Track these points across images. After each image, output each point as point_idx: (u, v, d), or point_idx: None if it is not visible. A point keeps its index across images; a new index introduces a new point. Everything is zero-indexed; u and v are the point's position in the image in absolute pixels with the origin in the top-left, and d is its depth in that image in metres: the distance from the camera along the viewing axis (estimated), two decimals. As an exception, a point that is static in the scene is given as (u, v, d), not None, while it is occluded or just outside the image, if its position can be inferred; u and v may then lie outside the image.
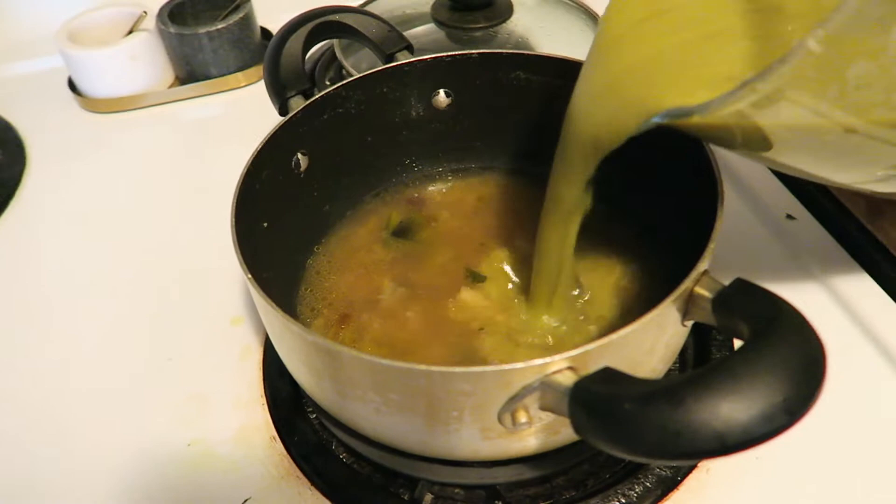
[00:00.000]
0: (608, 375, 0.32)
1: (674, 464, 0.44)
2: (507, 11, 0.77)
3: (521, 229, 0.53)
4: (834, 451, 0.45)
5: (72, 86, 0.83)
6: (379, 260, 0.54)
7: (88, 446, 0.50)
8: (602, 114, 0.39)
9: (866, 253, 0.55)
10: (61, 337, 0.58)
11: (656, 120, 0.35)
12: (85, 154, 0.77)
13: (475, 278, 0.51)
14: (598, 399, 0.31)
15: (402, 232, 0.56)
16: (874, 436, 0.46)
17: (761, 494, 0.44)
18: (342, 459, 0.48)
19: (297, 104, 0.52)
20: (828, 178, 0.37)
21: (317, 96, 0.52)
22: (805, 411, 0.28)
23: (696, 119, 0.32)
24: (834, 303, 0.53)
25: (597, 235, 0.49)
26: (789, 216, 0.59)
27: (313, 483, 0.47)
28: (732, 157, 0.65)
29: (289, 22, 0.55)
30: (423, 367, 0.34)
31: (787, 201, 0.60)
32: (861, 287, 0.54)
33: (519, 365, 0.33)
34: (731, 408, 0.27)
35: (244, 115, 0.80)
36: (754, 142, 0.33)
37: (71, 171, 0.75)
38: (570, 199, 0.43)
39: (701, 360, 0.51)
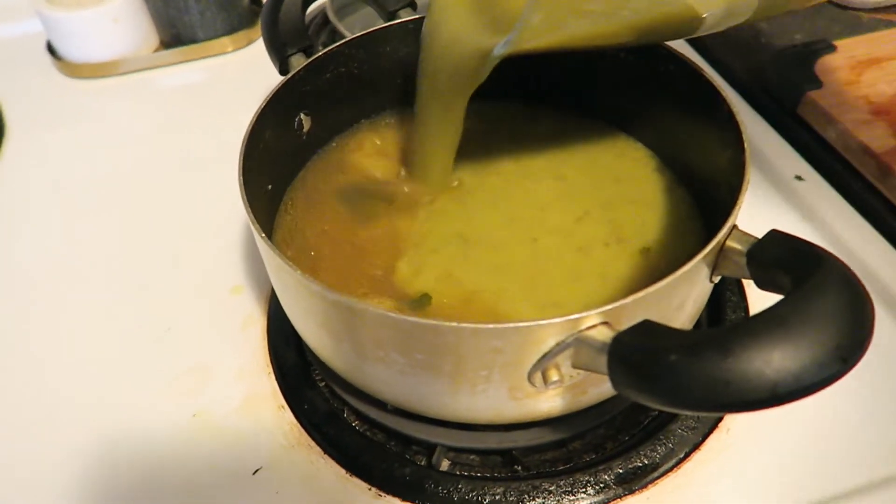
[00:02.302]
0: (648, 328, 0.31)
1: (721, 414, 0.44)
2: (506, -28, 0.75)
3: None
4: (849, 411, 0.45)
5: (51, 50, 0.79)
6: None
7: (89, 420, 0.48)
8: (452, 61, 0.45)
9: (876, 212, 0.55)
10: (53, 311, 0.56)
11: (497, 53, 0.41)
12: (66, 121, 0.74)
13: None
14: (641, 352, 0.30)
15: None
16: (890, 393, 0.46)
17: (782, 453, 0.44)
18: (354, 427, 0.47)
19: (298, 62, 0.50)
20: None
21: (319, 54, 0.50)
22: (858, 358, 0.27)
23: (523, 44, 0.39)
24: (844, 260, 0.52)
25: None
26: (798, 177, 0.59)
27: (326, 452, 0.45)
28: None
29: (287, -24, 0.53)
30: (452, 323, 0.32)
31: (795, 162, 0.60)
32: (872, 246, 0.53)
33: (553, 320, 0.32)
34: (784, 356, 0.27)
35: (232, 81, 0.78)
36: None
37: (52, 139, 0.72)
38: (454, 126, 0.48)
39: (715, 321, 0.51)
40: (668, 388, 0.28)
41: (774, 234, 0.34)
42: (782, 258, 0.33)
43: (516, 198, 0.49)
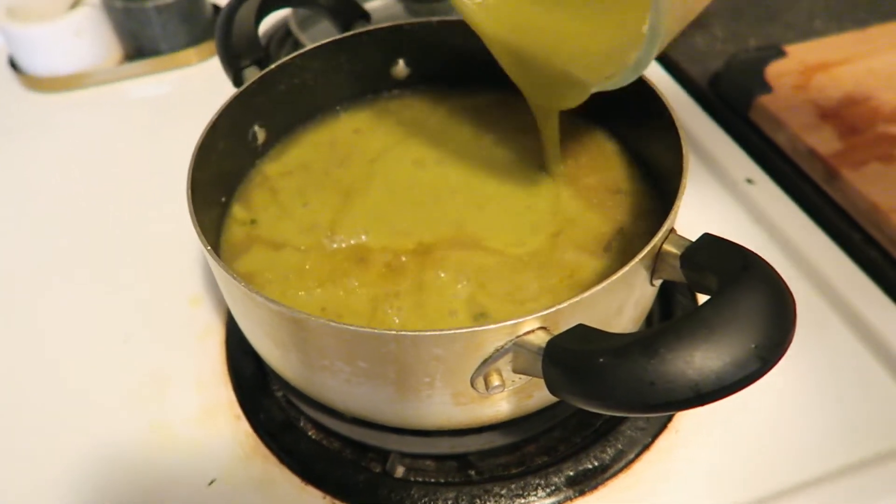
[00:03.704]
0: (582, 332, 0.32)
1: (649, 415, 0.45)
2: (465, -17, 0.76)
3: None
4: (796, 408, 0.46)
5: (13, 64, 0.79)
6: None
7: (42, 431, 0.48)
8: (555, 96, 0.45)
9: (823, 213, 0.56)
10: (10, 321, 0.56)
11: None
12: (29, 135, 0.74)
13: None
14: (572, 355, 0.30)
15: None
16: (835, 393, 0.47)
17: (730, 452, 0.44)
18: (310, 436, 0.47)
19: (252, 75, 0.50)
20: None
21: (272, 66, 0.51)
22: (777, 357, 0.28)
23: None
24: (792, 262, 0.54)
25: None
26: (749, 180, 0.60)
27: (282, 461, 0.46)
28: (692, 125, 0.65)
29: (241, -11, 0.53)
30: (392, 331, 0.33)
31: (746, 166, 0.61)
32: (819, 247, 0.54)
33: (491, 326, 0.33)
34: (705, 356, 0.27)
35: (196, 93, 0.78)
36: None
37: (14, 153, 0.72)
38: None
39: (667, 324, 0.52)
40: (596, 389, 0.29)
41: (707, 238, 0.35)
42: (712, 260, 0.34)
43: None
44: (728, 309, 0.29)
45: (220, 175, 0.48)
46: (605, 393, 0.29)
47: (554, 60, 0.45)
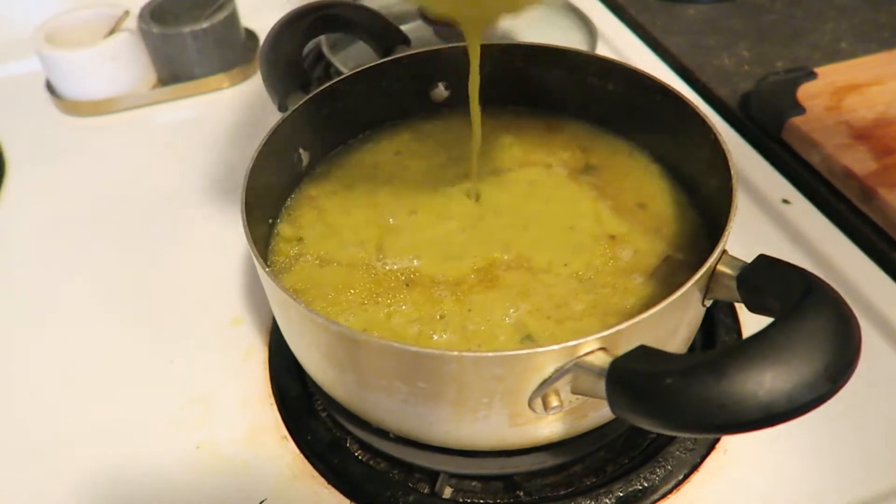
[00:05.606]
0: (644, 353, 0.32)
1: (717, 436, 0.45)
2: (494, 7, 0.77)
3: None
4: (846, 428, 0.46)
5: (50, 89, 0.80)
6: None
7: (92, 453, 0.48)
8: None
9: (861, 233, 0.57)
10: (55, 345, 0.56)
11: None
12: (66, 158, 0.75)
13: None
14: (638, 376, 0.31)
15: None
16: (882, 411, 0.47)
17: (779, 473, 0.44)
18: (357, 456, 0.47)
19: (297, 99, 0.51)
20: None
21: (316, 91, 0.52)
22: (846, 378, 0.28)
23: None
24: (832, 282, 0.53)
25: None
26: (785, 201, 0.60)
27: (329, 482, 0.46)
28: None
29: (285, 16, 0.54)
30: (454, 352, 0.34)
31: (782, 186, 0.61)
32: (858, 266, 0.55)
33: (552, 347, 0.33)
34: (775, 377, 0.28)
35: (228, 117, 0.79)
36: None
37: (52, 176, 0.73)
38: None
39: (709, 343, 0.52)
40: (664, 410, 0.29)
41: (763, 259, 0.35)
42: (771, 282, 0.34)
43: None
44: (796, 331, 0.29)
45: (266, 196, 0.49)
46: (673, 414, 0.29)
47: None
